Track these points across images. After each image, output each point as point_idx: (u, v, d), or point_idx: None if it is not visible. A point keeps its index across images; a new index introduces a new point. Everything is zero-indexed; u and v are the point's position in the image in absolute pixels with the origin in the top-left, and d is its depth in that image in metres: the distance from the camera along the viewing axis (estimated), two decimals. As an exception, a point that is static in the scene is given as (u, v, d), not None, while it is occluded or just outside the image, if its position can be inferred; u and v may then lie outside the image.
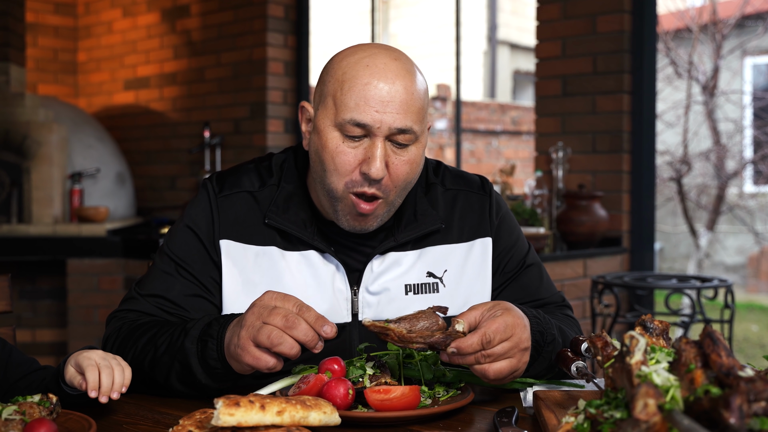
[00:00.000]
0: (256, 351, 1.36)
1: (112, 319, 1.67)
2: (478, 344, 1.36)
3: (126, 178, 6.10)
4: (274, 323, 1.34)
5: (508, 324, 1.39)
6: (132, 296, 1.68)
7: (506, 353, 1.39)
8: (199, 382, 1.49)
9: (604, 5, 4.34)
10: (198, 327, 1.49)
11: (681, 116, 9.15)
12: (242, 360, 1.38)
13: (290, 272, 1.65)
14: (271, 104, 5.61)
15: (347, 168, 1.55)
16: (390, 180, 1.57)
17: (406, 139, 1.56)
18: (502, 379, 1.42)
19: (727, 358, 1.00)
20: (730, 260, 10.51)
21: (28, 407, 1.24)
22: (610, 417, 1.05)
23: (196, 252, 1.67)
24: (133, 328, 1.59)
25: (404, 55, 1.61)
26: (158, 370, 1.53)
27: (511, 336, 1.39)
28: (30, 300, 5.38)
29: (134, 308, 1.66)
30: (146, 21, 6.48)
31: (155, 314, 1.64)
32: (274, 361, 1.36)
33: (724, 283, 3.87)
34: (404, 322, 1.39)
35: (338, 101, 1.55)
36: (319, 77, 1.64)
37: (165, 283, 1.66)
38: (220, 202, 1.69)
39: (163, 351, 1.51)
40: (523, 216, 4.20)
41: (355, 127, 1.53)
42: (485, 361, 1.38)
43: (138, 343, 1.56)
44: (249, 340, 1.36)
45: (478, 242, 1.74)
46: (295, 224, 1.65)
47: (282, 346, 1.33)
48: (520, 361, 1.42)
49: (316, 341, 1.35)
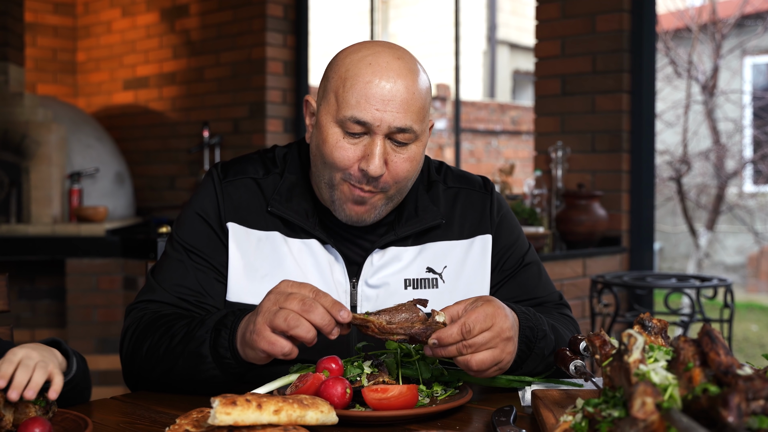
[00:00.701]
0: (271, 336, 1.36)
1: (132, 311, 1.67)
2: (458, 334, 1.36)
3: (125, 177, 6.09)
4: (290, 307, 1.35)
5: (488, 313, 1.39)
6: (150, 287, 1.68)
7: (488, 343, 1.38)
8: (203, 373, 1.49)
9: (603, 4, 4.33)
10: (214, 318, 1.50)
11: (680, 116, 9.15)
12: (257, 345, 1.37)
13: (293, 258, 1.66)
14: (270, 104, 5.61)
15: (346, 163, 1.57)
16: (389, 176, 1.58)
17: (406, 137, 1.57)
18: (485, 371, 1.41)
19: (726, 357, 0.99)
20: (729, 260, 10.51)
21: (23, 406, 1.24)
22: (608, 416, 1.05)
23: (207, 237, 1.68)
24: (153, 319, 1.60)
25: (408, 53, 1.62)
26: (168, 360, 1.53)
27: (492, 325, 1.38)
28: (29, 300, 5.37)
29: (154, 299, 1.66)
30: (145, 21, 6.47)
31: (175, 303, 1.64)
32: (290, 346, 1.36)
33: (723, 282, 3.86)
34: (384, 314, 1.40)
35: (340, 98, 1.56)
36: (324, 73, 1.66)
37: (180, 270, 1.67)
38: (225, 187, 1.70)
39: (178, 341, 1.52)
40: (522, 215, 4.20)
41: (356, 124, 1.54)
42: (467, 352, 1.38)
43: (156, 334, 1.56)
44: (265, 325, 1.36)
45: (479, 239, 1.75)
46: (297, 213, 1.67)
47: (299, 329, 1.33)
48: (504, 352, 1.41)
49: (332, 326, 1.36)
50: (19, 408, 1.24)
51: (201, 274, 1.66)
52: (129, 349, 1.61)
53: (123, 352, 1.64)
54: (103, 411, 1.44)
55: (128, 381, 1.66)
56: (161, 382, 1.56)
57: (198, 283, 1.66)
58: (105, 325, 5.08)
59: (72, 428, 1.25)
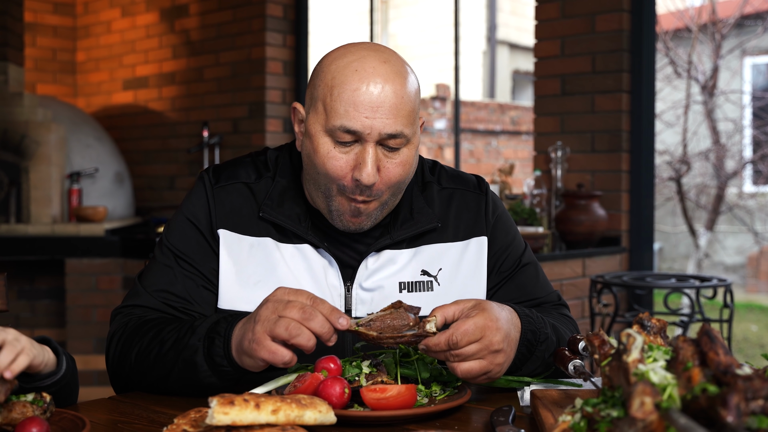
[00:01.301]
0: (272, 345, 1.35)
1: (117, 315, 1.66)
2: (445, 345, 1.37)
3: (124, 177, 6.09)
4: (291, 315, 1.34)
5: (478, 326, 1.38)
6: (136, 291, 1.67)
7: (475, 354, 1.39)
8: (200, 381, 1.48)
9: (603, 4, 4.33)
10: (205, 325, 1.49)
11: (680, 116, 9.14)
12: (257, 355, 1.36)
13: (285, 263, 1.65)
14: (269, 104, 5.61)
15: (339, 173, 1.55)
16: (381, 183, 1.56)
17: (398, 143, 1.55)
18: (473, 378, 1.42)
19: (725, 356, 0.99)
20: (729, 260, 10.50)
21: (21, 406, 1.24)
22: (607, 415, 1.04)
23: (196, 243, 1.67)
24: (139, 324, 1.58)
25: (394, 55, 1.60)
26: (161, 367, 1.52)
27: (481, 338, 1.38)
28: (28, 300, 5.37)
29: (139, 303, 1.65)
30: (145, 21, 6.47)
31: (161, 309, 1.63)
32: (290, 355, 1.35)
33: (723, 282, 3.86)
34: (376, 322, 1.40)
35: (328, 107, 1.54)
36: (310, 79, 1.64)
37: (167, 276, 1.65)
38: (217, 193, 1.69)
39: (168, 347, 1.50)
40: (521, 215, 4.19)
41: (346, 133, 1.53)
42: (453, 360, 1.39)
43: (144, 339, 1.54)
44: (265, 334, 1.35)
45: (474, 241, 1.74)
46: (289, 218, 1.66)
47: (300, 337, 1.33)
48: (492, 363, 1.41)
49: (331, 333, 1.36)
50: (17, 408, 1.24)
51: (189, 281, 1.64)
52: (116, 354, 1.59)
53: (110, 357, 1.62)
54: (101, 410, 1.44)
55: (116, 385, 1.65)
56: (156, 386, 1.55)
57: (185, 289, 1.64)
58: (104, 325, 5.08)
59: (69, 428, 1.25)
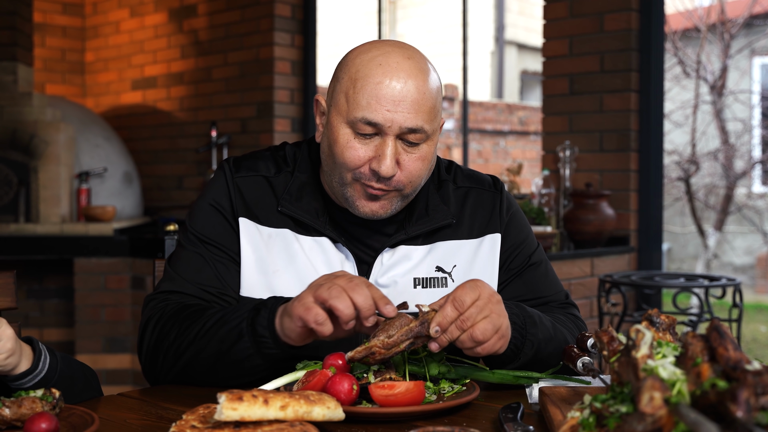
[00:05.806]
0: (310, 302, 1.37)
1: (152, 301, 1.65)
2: (453, 310, 1.38)
3: (133, 177, 6.11)
4: (337, 282, 1.37)
5: (471, 285, 1.41)
6: (170, 277, 1.67)
7: (482, 311, 1.39)
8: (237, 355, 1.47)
9: (611, 3, 4.32)
10: (253, 301, 1.51)
11: (689, 116, 9.12)
12: (294, 312, 1.38)
13: (304, 254, 1.66)
14: (278, 104, 5.62)
15: (357, 162, 1.57)
16: (403, 176, 1.59)
17: (417, 138, 1.58)
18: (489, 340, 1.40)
19: (734, 352, 0.99)
20: (738, 261, 10.46)
21: (30, 401, 1.24)
22: (616, 411, 1.04)
23: (222, 228, 1.68)
24: (179, 308, 1.58)
25: (418, 53, 1.63)
26: (200, 342, 1.50)
27: (480, 294, 1.40)
28: (37, 299, 5.39)
29: (174, 289, 1.65)
30: (153, 21, 6.49)
31: (196, 294, 1.63)
32: (324, 316, 1.36)
33: (732, 281, 3.84)
34: (381, 333, 1.39)
35: (350, 99, 1.56)
36: (334, 72, 1.66)
37: (197, 263, 1.66)
38: (238, 182, 1.70)
39: (212, 323, 1.50)
40: (530, 215, 4.19)
41: (367, 125, 1.55)
42: (467, 326, 1.38)
43: (185, 322, 1.54)
44: (309, 294, 1.38)
45: (488, 238, 1.76)
46: (308, 213, 1.67)
47: (338, 300, 1.34)
48: (500, 315, 1.42)
49: (372, 312, 1.37)
50: (26, 403, 1.24)
51: (220, 265, 1.65)
52: (152, 340, 1.58)
53: (144, 343, 1.60)
54: (110, 407, 1.44)
55: (149, 375, 1.63)
56: (186, 371, 1.54)
57: (217, 274, 1.65)
58: (113, 324, 5.09)
59: (78, 424, 1.25)
